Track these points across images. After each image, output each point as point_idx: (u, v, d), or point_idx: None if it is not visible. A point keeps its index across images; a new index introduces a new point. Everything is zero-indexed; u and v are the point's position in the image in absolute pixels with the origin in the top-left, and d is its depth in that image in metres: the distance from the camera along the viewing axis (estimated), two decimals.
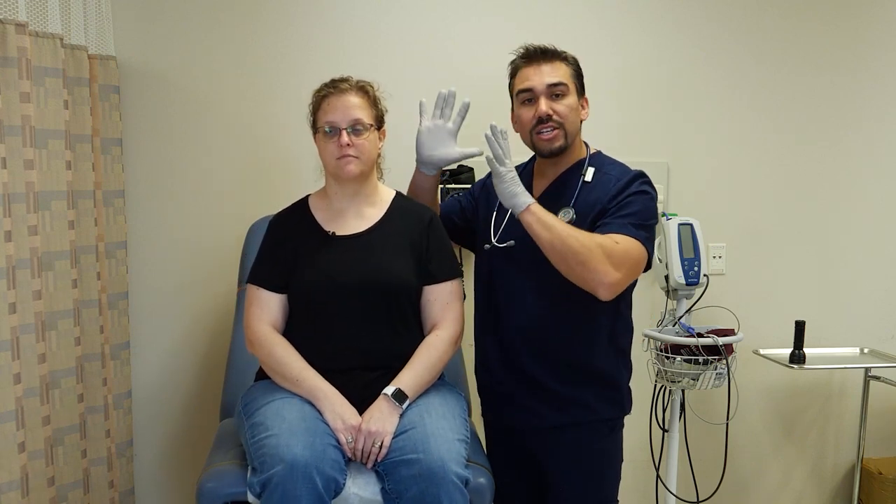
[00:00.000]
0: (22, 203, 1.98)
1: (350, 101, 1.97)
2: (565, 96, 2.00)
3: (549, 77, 2.00)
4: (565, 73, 2.02)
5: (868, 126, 2.98)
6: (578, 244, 1.87)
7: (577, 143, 2.07)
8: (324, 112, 1.98)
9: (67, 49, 2.22)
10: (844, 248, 3.01)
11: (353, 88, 1.99)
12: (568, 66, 2.03)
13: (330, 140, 1.97)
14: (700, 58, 2.84)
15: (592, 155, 2.09)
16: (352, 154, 1.95)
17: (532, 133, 2.03)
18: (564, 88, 2.00)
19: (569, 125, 2.01)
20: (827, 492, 3.11)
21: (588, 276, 1.89)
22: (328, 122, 1.97)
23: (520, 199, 1.92)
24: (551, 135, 2.00)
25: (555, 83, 1.99)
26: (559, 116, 1.99)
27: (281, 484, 1.69)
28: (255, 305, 2.00)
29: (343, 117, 1.96)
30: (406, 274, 1.99)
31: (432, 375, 1.96)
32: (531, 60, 2.02)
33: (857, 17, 2.92)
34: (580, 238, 1.89)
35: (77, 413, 2.27)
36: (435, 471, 1.73)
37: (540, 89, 1.99)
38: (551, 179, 2.09)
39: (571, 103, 2.01)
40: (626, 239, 1.92)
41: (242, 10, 2.59)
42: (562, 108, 2.00)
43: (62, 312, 2.20)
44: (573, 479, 2.07)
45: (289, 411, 1.83)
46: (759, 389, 2.99)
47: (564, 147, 2.02)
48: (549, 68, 2.00)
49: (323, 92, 2.01)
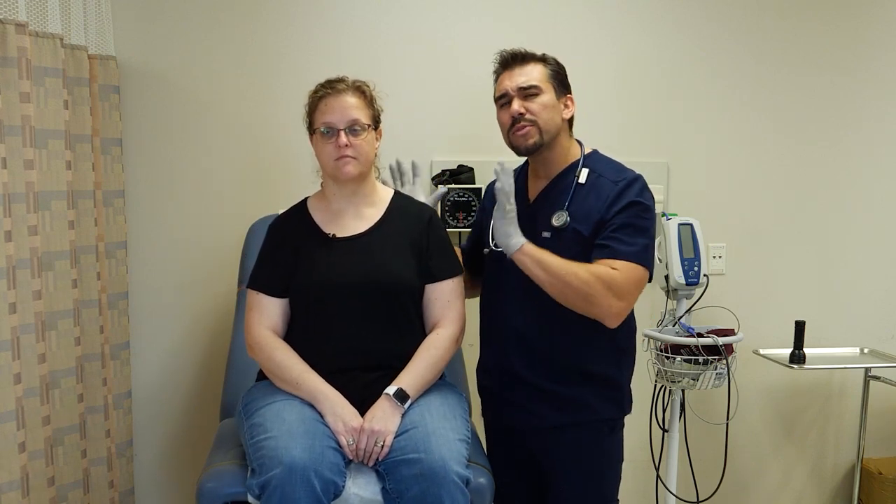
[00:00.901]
0: (22, 203, 1.98)
1: (347, 102, 1.96)
2: (538, 96, 2.01)
3: (519, 79, 2.02)
4: (540, 74, 2.02)
5: (868, 126, 2.97)
6: (578, 281, 1.89)
7: (563, 142, 2.06)
8: (321, 113, 1.98)
9: (67, 49, 2.22)
10: (844, 248, 3.01)
11: (349, 88, 1.99)
12: (545, 66, 2.04)
13: (328, 141, 1.96)
14: (700, 58, 2.84)
15: (587, 155, 2.08)
16: (350, 155, 1.95)
17: (509, 134, 2.05)
18: (537, 89, 2.01)
19: (542, 122, 2.01)
20: (827, 492, 3.11)
21: (593, 311, 1.94)
22: (325, 122, 1.96)
23: (513, 241, 1.93)
24: (525, 131, 2.01)
25: (526, 86, 2.01)
26: (531, 114, 2.00)
27: (279, 486, 1.69)
28: (256, 310, 2.00)
29: (341, 118, 1.95)
30: (407, 273, 1.99)
31: (434, 374, 1.96)
32: (506, 66, 2.06)
33: (858, 16, 2.92)
34: (579, 274, 1.89)
35: (77, 413, 2.27)
36: (436, 470, 1.73)
37: (512, 91, 2.02)
38: (545, 181, 2.09)
39: (545, 101, 2.01)
40: (626, 264, 1.92)
41: (242, 10, 2.59)
42: (534, 106, 2.00)
43: (62, 312, 2.20)
44: (573, 479, 2.07)
45: (289, 413, 1.83)
46: (759, 389, 2.99)
47: (540, 143, 2.02)
48: (521, 70, 2.03)
49: (319, 93, 2.00)
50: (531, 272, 1.92)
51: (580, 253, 1.97)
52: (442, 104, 2.69)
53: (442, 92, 2.68)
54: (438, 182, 2.62)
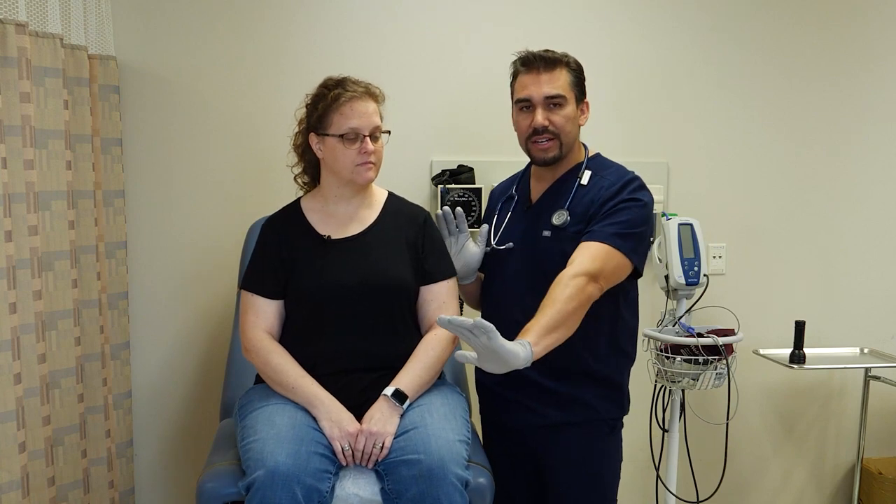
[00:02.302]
0: (22, 203, 1.98)
1: (371, 107, 1.96)
2: (563, 107, 1.99)
3: (547, 88, 1.98)
4: (565, 82, 2.00)
5: (868, 126, 2.97)
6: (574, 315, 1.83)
7: (574, 148, 2.07)
8: (345, 116, 1.94)
9: (67, 49, 2.22)
10: (844, 249, 3.00)
11: (369, 94, 1.98)
12: (569, 72, 2.01)
13: (351, 145, 1.94)
14: (701, 58, 2.84)
15: (591, 158, 2.09)
16: (373, 161, 1.96)
17: (528, 142, 2.03)
18: (562, 100, 1.99)
19: (565, 136, 2.00)
20: (827, 492, 3.11)
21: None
22: (352, 127, 1.93)
23: (521, 358, 1.71)
24: (546, 145, 2.00)
25: (552, 95, 1.98)
26: (555, 127, 1.99)
27: (260, 490, 1.70)
28: (251, 313, 2.00)
29: (367, 123, 1.94)
30: (404, 275, 1.99)
31: (431, 375, 1.96)
32: (530, 68, 2.00)
33: (858, 18, 2.91)
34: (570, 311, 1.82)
35: (77, 413, 2.27)
36: (435, 472, 1.73)
37: (537, 100, 1.99)
38: (548, 183, 2.10)
39: (569, 113, 2.00)
40: (603, 251, 1.89)
41: (243, 10, 2.59)
42: (558, 119, 1.99)
43: (62, 312, 2.20)
44: (573, 478, 2.07)
45: (280, 417, 1.83)
46: (759, 389, 2.99)
47: (559, 157, 2.03)
48: (548, 77, 1.98)
49: (344, 95, 1.94)
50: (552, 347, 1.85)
51: None
52: (442, 104, 2.69)
53: (442, 92, 2.68)
54: (438, 182, 2.62)
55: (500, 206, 2.19)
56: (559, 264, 1.96)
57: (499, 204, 2.21)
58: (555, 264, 1.97)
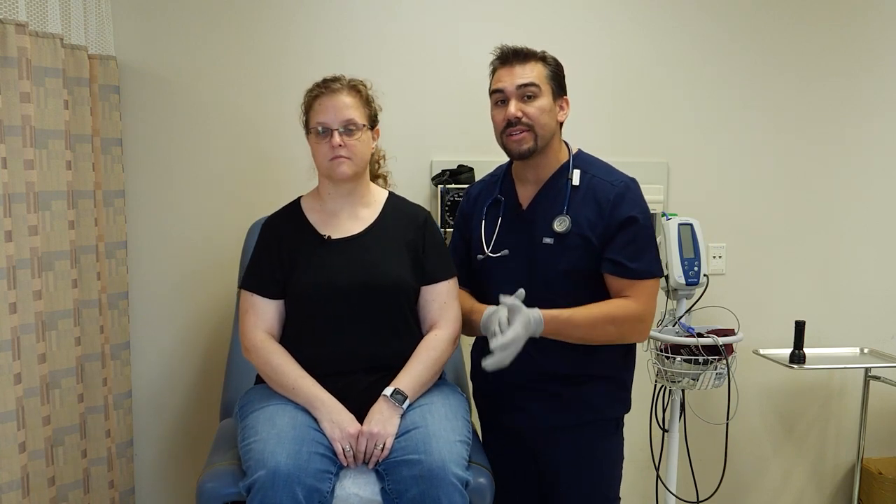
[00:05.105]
0: (22, 203, 1.98)
1: (342, 101, 1.96)
2: (537, 98, 1.96)
3: (519, 78, 1.96)
4: (539, 73, 1.98)
5: (868, 126, 2.97)
6: (612, 329, 1.96)
7: (555, 144, 2.03)
8: (315, 112, 1.97)
9: (67, 49, 2.22)
10: (844, 249, 3.01)
11: (345, 88, 1.98)
12: (545, 66, 1.99)
13: (322, 141, 1.96)
14: (701, 58, 2.84)
15: (575, 156, 2.06)
16: (344, 155, 1.94)
17: (503, 136, 2.00)
18: (536, 90, 1.96)
19: (539, 128, 1.97)
20: (827, 492, 3.11)
21: (626, 341, 2.04)
22: (320, 122, 1.96)
23: (533, 318, 1.84)
24: (520, 136, 1.97)
25: (525, 83, 1.96)
26: (528, 118, 1.96)
27: (261, 490, 1.70)
28: (251, 313, 1.99)
29: (335, 118, 1.95)
30: (404, 275, 1.99)
31: (431, 375, 1.96)
32: (505, 61, 2.00)
33: (858, 18, 2.92)
34: (607, 330, 1.95)
35: (77, 413, 2.27)
36: (435, 472, 1.73)
37: (510, 90, 1.97)
38: (537, 185, 2.06)
39: (543, 105, 1.97)
40: (641, 285, 1.97)
41: (243, 10, 2.59)
42: (532, 110, 1.96)
43: (62, 312, 2.20)
44: (577, 478, 2.06)
45: (280, 418, 1.83)
46: (759, 389, 2.99)
47: (534, 149, 1.98)
48: (522, 69, 1.97)
49: (315, 92, 1.99)
50: (564, 335, 1.93)
51: (582, 257, 1.97)
52: (442, 104, 2.69)
53: (442, 92, 2.68)
54: (438, 182, 2.62)
55: (486, 210, 2.12)
56: (562, 272, 1.95)
57: (484, 208, 2.12)
58: (557, 272, 1.96)
